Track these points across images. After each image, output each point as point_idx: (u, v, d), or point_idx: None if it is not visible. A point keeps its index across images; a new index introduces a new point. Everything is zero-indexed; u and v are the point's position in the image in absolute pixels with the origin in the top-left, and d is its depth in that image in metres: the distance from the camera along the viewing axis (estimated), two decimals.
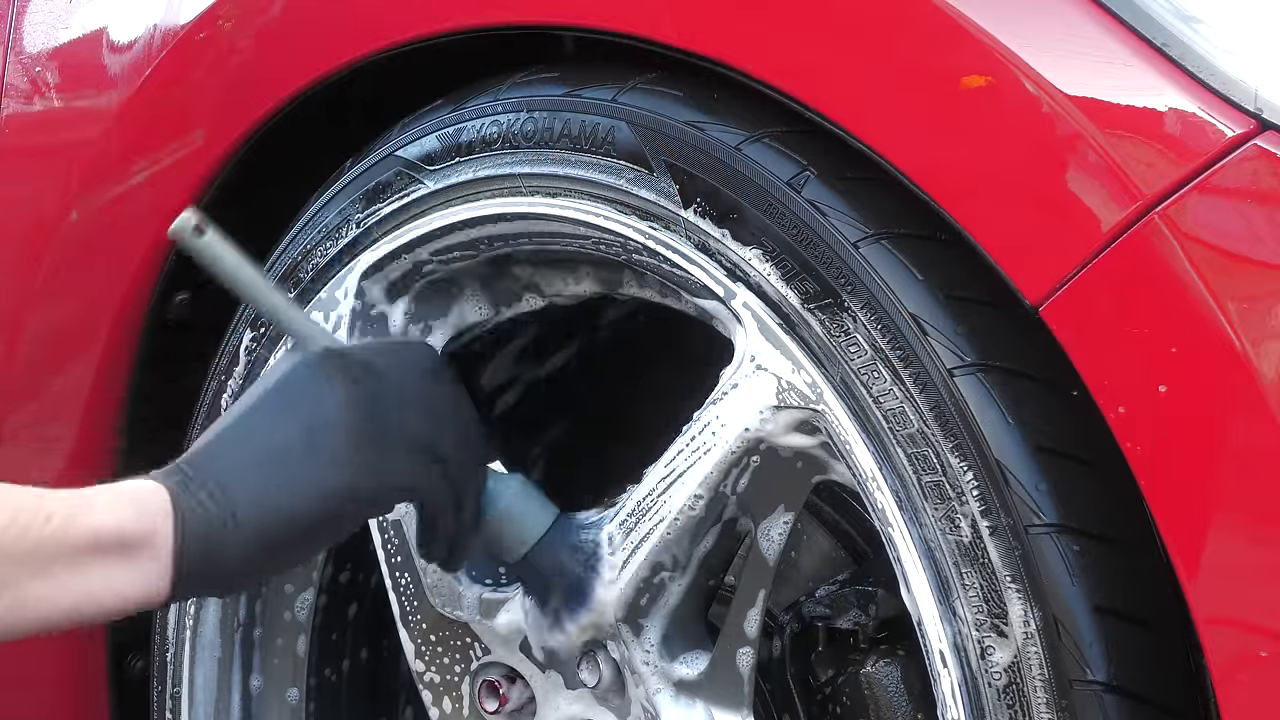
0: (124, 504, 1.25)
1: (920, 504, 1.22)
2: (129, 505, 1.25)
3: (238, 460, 1.29)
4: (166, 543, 1.25)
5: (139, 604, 1.26)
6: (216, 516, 1.26)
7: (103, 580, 1.23)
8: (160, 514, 1.25)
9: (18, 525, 1.20)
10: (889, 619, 1.39)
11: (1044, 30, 1.17)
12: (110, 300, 1.70)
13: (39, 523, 1.21)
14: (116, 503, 1.25)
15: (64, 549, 1.22)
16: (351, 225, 1.54)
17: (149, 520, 1.25)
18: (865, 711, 1.40)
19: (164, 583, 1.26)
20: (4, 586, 1.20)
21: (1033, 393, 1.20)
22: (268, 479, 1.28)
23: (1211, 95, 1.13)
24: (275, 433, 1.30)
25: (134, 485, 1.27)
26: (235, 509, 1.27)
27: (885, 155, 1.23)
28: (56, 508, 1.23)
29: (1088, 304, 1.14)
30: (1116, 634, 1.17)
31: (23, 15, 1.80)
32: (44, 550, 1.21)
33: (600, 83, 1.40)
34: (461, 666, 1.53)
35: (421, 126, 1.50)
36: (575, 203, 1.39)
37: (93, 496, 1.25)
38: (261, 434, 1.30)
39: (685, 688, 1.40)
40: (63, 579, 1.22)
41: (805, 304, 1.27)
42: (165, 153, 1.66)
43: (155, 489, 1.27)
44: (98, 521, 1.23)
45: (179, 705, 1.67)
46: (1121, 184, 1.13)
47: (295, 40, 1.57)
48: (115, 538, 1.24)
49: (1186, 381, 1.12)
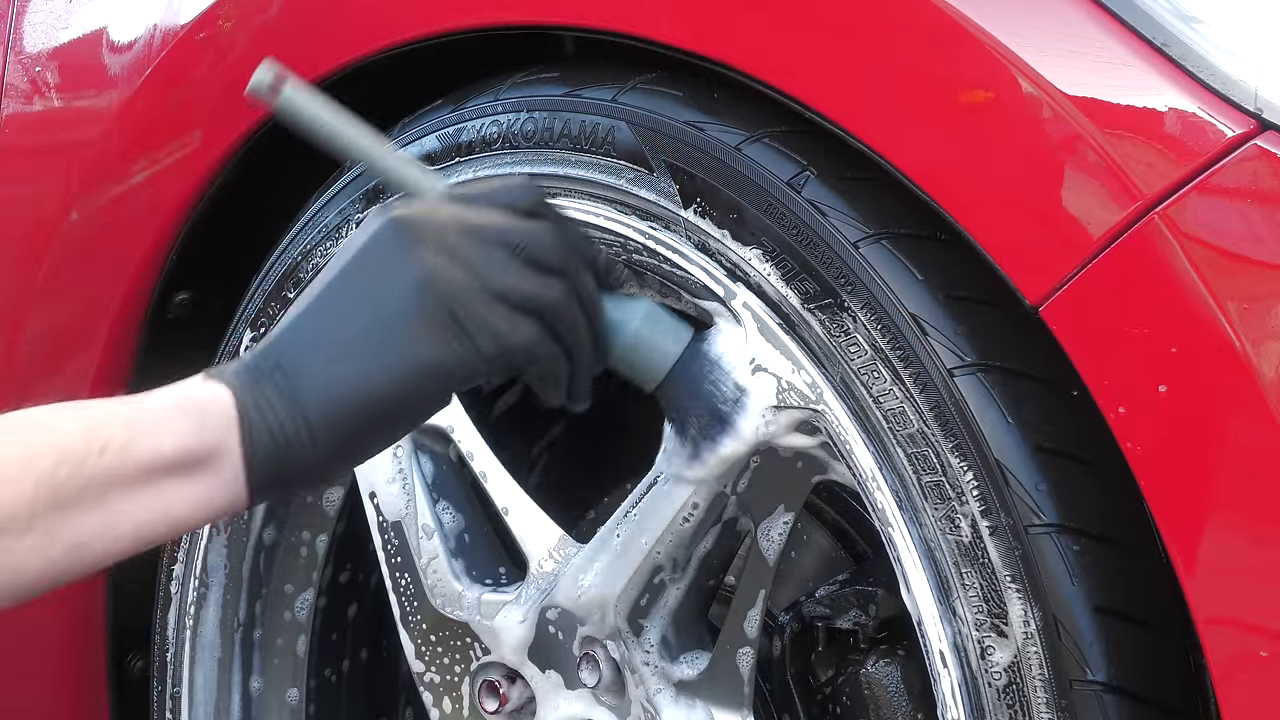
0: (185, 418, 1.17)
1: (920, 504, 1.22)
2: (191, 418, 1.17)
3: (308, 351, 1.20)
4: (235, 458, 1.18)
5: (217, 515, 1.19)
6: (288, 422, 1.18)
7: (168, 502, 1.16)
8: (225, 425, 1.18)
9: (69, 464, 1.13)
10: (889, 619, 1.39)
11: (1044, 30, 1.17)
12: (110, 300, 1.70)
13: (92, 457, 1.14)
14: (177, 417, 1.17)
15: (122, 479, 1.15)
16: (351, 225, 1.54)
17: (212, 435, 1.17)
18: (865, 711, 1.40)
19: (239, 492, 1.18)
20: (64, 528, 1.13)
21: (1033, 393, 1.20)
22: (341, 372, 1.18)
23: (1211, 95, 1.13)
24: (348, 317, 1.20)
25: (199, 391, 1.19)
26: (307, 412, 1.18)
27: (885, 155, 1.23)
28: (110, 435, 1.15)
29: (1088, 304, 1.14)
30: (1116, 634, 1.17)
31: (23, 15, 1.80)
32: (99, 483, 1.14)
33: (600, 83, 1.40)
34: (461, 667, 1.53)
35: (421, 126, 1.50)
36: (575, 203, 1.39)
37: (152, 410, 1.17)
38: (333, 318, 1.20)
39: (685, 688, 1.40)
40: (124, 507, 1.15)
41: (805, 304, 1.27)
42: (165, 153, 1.66)
43: (221, 394, 1.18)
44: (156, 444, 1.16)
45: (179, 705, 1.67)
46: (1121, 184, 1.13)
47: (295, 40, 1.57)
48: (176, 459, 1.16)
49: (1186, 381, 1.12)
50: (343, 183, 1.56)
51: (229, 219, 1.67)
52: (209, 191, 1.64)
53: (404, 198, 1.31)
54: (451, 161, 1.47)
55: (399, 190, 1.32)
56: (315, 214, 1.57)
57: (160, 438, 1.17)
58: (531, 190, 1.30)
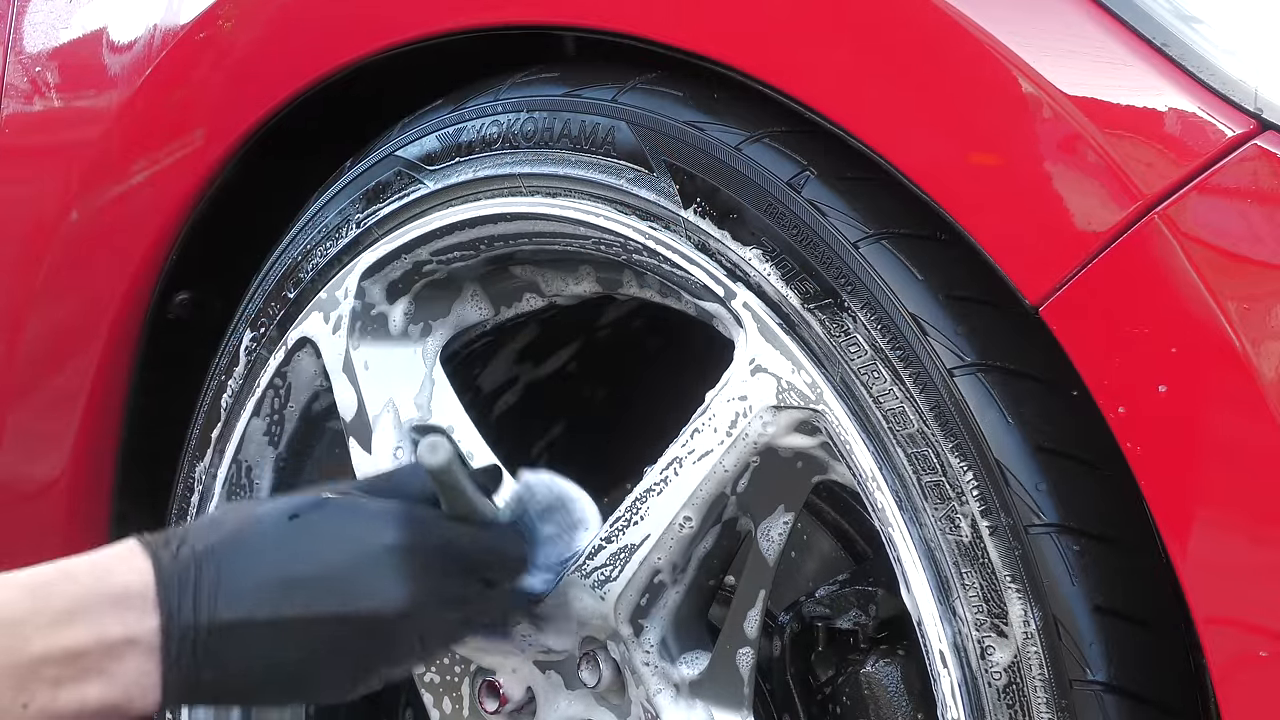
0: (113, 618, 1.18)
1: (920, 504, 1.22)
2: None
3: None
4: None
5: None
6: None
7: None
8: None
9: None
10: (889, 619, 1.39)
11: (1044, 30, 1.17)
12: (110, 300, 1.70)
13: (16, 709, 1.16)
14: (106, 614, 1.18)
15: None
16: (351, 225, 1.54)
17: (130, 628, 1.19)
18: (865, 711, 1.40)
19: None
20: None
21: (1033, 393, 1.20)
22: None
23: (1211, 95, 1.13)
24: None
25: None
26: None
27: (885, 155, 1.23)
28: (35, 690, 1.16)
29: (1088, 304, 1.14)
30: (1116, 634, 1.17)
31: (23, 15, 1.80)
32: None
33: (600, 83, 1.40)
34: (461, 667, 1.53)
35: (421, 126, 1.50)
36: (575, 203, 1.39)
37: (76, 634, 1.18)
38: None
39: (685, 688, 1.40)
40: None
41: (805, 304, 1.27)
42: (165, 153, 1.66)
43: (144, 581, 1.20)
44: (81, 696, 1.17)
45: None
46: (1121, 184, 1.13)
47: (295, 40, 1.57)
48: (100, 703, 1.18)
49: (1186, 381, 1.12)
50: (343, 183, 1.56)
51: (229, 219, 1.67)
52: (209, 191, 1.64)
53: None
54: (451, 161, 1.47)
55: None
56: (315, 214, 1.57)
57: (85, 689, 1.18)
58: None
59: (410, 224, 1.49)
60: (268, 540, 1.24)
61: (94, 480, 1.73)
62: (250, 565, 1.22)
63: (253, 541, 1.23)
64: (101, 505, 1.74)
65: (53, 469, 1.74)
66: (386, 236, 1.51)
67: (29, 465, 1.77)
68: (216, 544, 1.23)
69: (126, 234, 1.69)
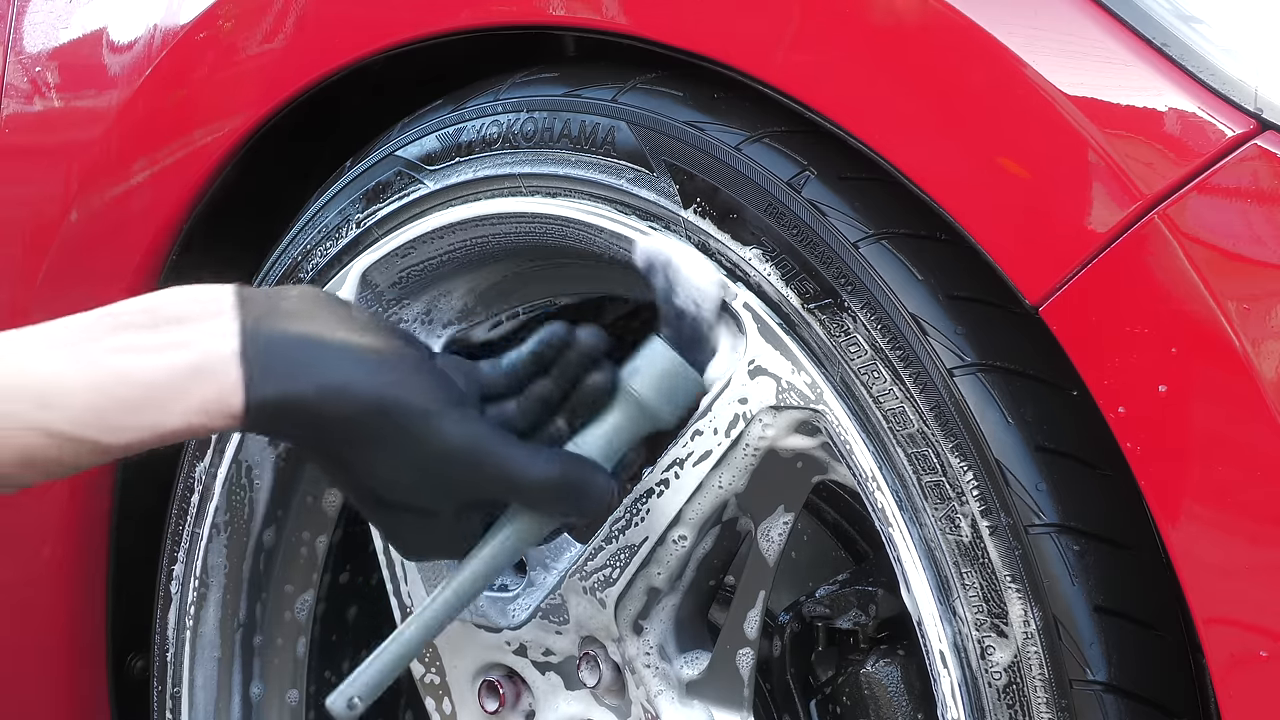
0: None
1: (920, 504, 1.22)
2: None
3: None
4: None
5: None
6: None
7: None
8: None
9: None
10: (889, 619, 1.39)
11: (1044, 30, 1.17)
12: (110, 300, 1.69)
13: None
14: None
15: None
16: (351, 225, 1.54)
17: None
18: (865, 711, 1.40)
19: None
20: None
21: (1033, 393, 1.20)
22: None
23: (1211, 95, 1.13)
24: None
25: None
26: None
27: (885, 155, 1.23)
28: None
29: (1088, 304, 1.14)
30: (1116, 634, 1.17)
31: (23, 15, 1.80)
32: None
33: (600, 83, 1.40)
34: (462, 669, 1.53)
35: (421, 126, 1.50)
36: (575, 203, 1.39)
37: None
38: None
39: (686, 688, 1.40)
40: None
41: (805, 304, 1.27)
42: (165, 153, 1.66)
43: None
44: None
45: (179, 705, 1.67)
46: (1121, 184, 1.13)
47: (295, 40, 1.57)
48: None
49: (1186, 381, 1.12)
50: (343, 183, 1.56)
51: (229, 219, 1.67)
52: (209, 191, 1.64)
53: None
54: (451, 161, 1.47)
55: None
56: (315, 214, 1.57)
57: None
58: None
59: (410, 224, 1.49)
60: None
61: (94, 480, 1.73)
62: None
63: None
64: (101, 505, 1.74)
65: None
66: (386, 236, 1.51)
67: None
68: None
69: (127, 234, 1.69)
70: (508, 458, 1.24)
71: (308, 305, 1.25)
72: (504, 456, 1.24)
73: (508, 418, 1.26)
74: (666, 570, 1.37)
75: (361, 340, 1.23)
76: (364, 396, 1.21)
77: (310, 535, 1.67)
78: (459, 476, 1.24)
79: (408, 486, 1.25)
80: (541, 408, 1.27)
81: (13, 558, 1.80)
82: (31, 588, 1.78)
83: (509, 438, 1.25)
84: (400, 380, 1.23)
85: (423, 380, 1.23)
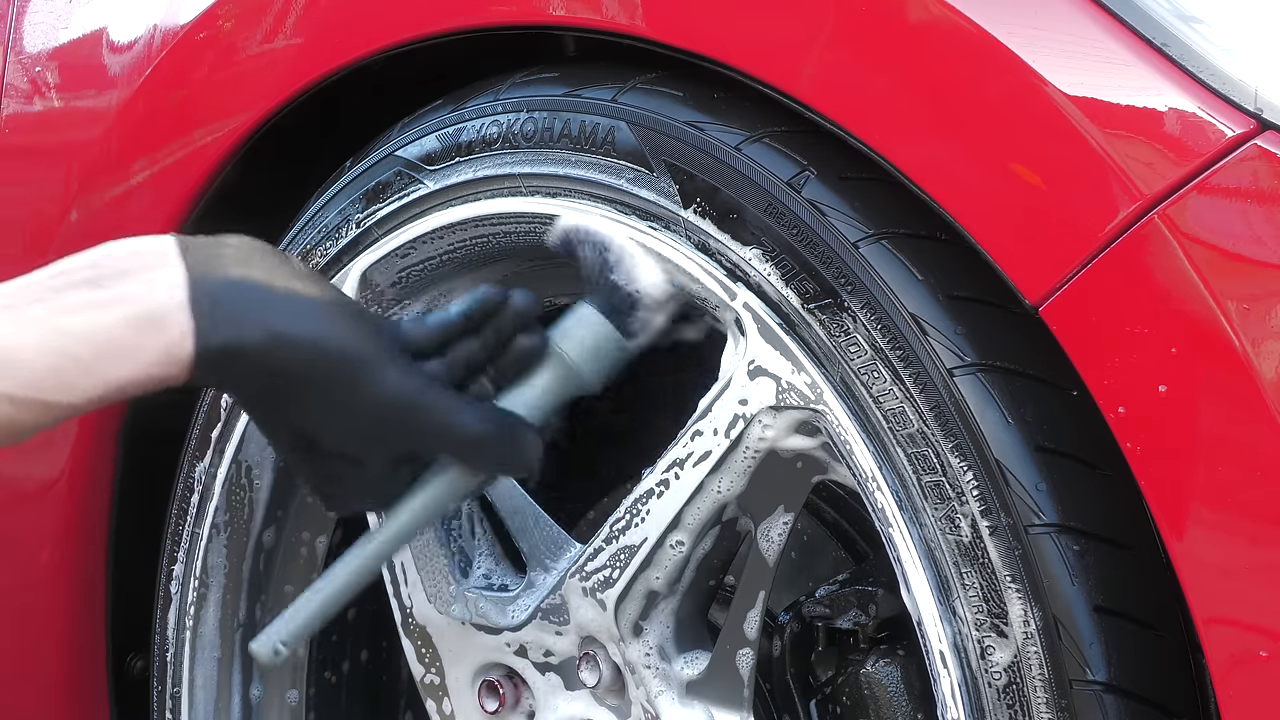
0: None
1: (920, 504, 1.22)
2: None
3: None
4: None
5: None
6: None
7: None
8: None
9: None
10: (889, 619, 1.39)
11: (1044, 30, 1.17)
12: None
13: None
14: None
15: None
16: (351, 225, 1.54)
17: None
18: (865, 711, 1.40)
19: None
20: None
21: (1033, 393, 1.20)
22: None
23: (1211, 95, 1.13)
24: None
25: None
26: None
27: (885, 155, 1.23)
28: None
29: (1088, 304, 1.14)
30: (1116, 634, 1.17)
31: (23, 15, 1.80)
32: None
33: (600, 83, 1.40)
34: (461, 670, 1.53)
35: (421, 126, 1.50)
36: (575, 203, 1.39)
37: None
38: None
39: (686, 688, 1.40)
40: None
41: (805, 304, 1.27)
42: (165, 153, 1.66)
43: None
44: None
45: (179, 705, 1.67)
46: (1121, 184, 1.13)
47: (295, 40, 1.57)
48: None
49: (1186, 381, 1.12)
50: (343, 183, 1.56)
51: (229, 219, 1.67)
52: (209, 192, 1.64)
53: None
54: (451, 161, 1.47)
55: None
56: (315, 214, 1.57)
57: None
58: None
59: (410, 224, 1.49)
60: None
61: (94, 480, 1.73)
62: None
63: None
64: (101, 505, 1.74)
65: (53, 469, 1.74)
66: (386, 236, 1.51)
67: (29, 465, 1.77)
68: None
69: (127, 234, 1.68)
70: (445, 409, 1.26)
71: (249, 253, 1.26)
72: (441, 409, 1.26)
73: (435, 374, 1.28)
74: (665, 574, 1.37)
75: (305, 288, 1.25)
76: (312, 342, 1.23)
77: (310, 535, 1.67)
78: (396, 424, 1.26)
79: (344, 433, 1.26)
80: (465, 367, 1.29)
81: (12, 560, 1.80)
82: (31, 592, 1.78)
83: (446, 391, 1.27)
84: (345, 329, 1.25)
85: (365, 329, 1.26)
